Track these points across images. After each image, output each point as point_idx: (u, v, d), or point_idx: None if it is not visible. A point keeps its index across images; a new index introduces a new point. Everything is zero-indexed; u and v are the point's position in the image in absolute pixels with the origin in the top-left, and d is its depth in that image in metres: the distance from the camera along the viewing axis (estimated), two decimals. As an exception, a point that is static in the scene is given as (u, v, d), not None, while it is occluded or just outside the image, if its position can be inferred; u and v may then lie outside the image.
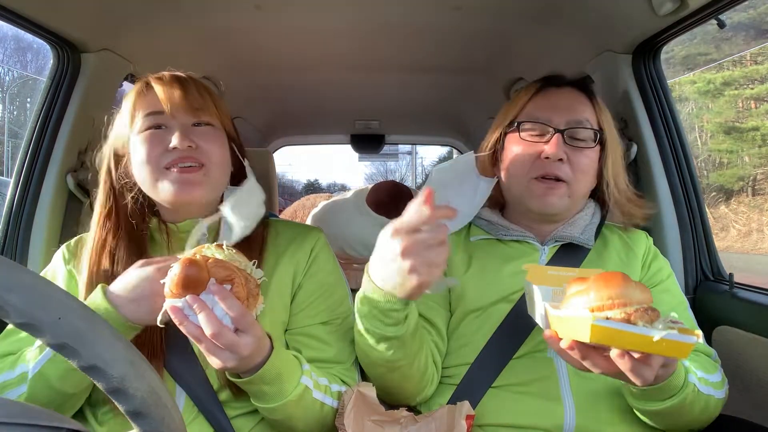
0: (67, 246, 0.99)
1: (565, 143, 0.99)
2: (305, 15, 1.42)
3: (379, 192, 1.93)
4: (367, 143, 3.06)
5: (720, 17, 1.17)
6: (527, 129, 1.03)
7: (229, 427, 0.87)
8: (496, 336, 0.97)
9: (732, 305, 1.17)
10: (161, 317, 0.75)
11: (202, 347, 0.73)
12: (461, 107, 2.43)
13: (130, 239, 0.92)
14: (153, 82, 0.93)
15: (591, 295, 0.68)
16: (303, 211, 2.90)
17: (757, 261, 12.36)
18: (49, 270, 0.97)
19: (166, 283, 0.73)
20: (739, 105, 18.19)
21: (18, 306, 0.42)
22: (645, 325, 0.63)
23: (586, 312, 0.66)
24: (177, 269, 0.72)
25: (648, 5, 1.15)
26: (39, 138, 1.27)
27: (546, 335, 0.74)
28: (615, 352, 0.68)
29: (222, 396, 0.89)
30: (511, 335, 0.96)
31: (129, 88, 1.46)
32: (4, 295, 0.42)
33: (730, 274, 1.24)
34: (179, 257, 0.75)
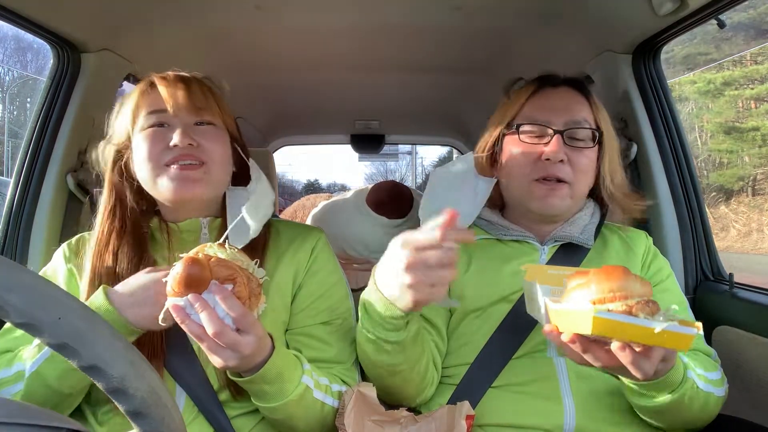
0: (68, 244, 0.99)
1: (565, 144, 0.99)
2: (305, 15, 1.42)
3: (379, 192, 1.93)
4: (367, 143, 3.05)
5: (720, 17, 1.17)
6: (526, 131, 1.03)
7: (229, 427, 0.87)
8: (495, 336, 0.97)
9: (732, 305, 1.17)
10: (163, 316, 0.75)
11: (203, 346, 0.73)
12: (461, 107, 2.43)
13: (132, 237, 0.92)
14: (157, 81, 0.93)
15: (592, 288, 0.68)
16: (303, 211, 2.91)
17: (757, 261, 12.36)
18: (50, 268, 0.97)
19: (168, 282, 0.73)
20: (739, 105, 18.18)
21: (18, 306, 0.42)
22: (646, 317, 0.63)
23: (587, 304, 0.66)
24: (179, 268, 0.72)
25: (648, 5, 1.15)
26: (39, 138, 1.27)
27: (546, 330, 0.74)
28: (616, 344, 0.68)
29: (222, 396, 0.89)
30: (511, 335, 0.96)
31: (129, 88, 1.47)
32: (4, 295, 0.42)
33: (730, 274, 1.24)
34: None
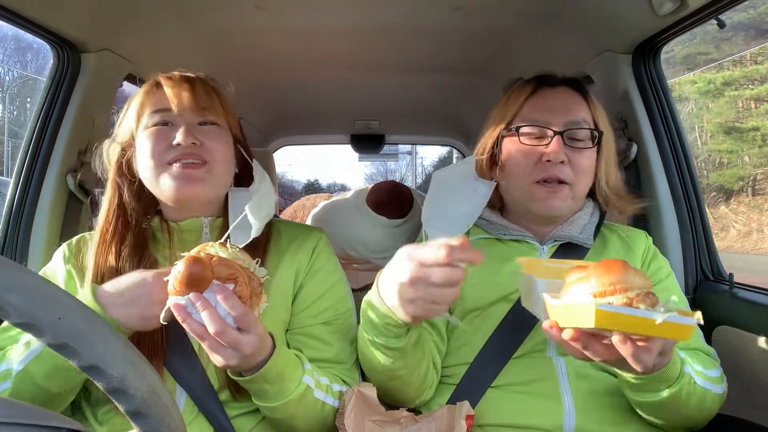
0: (68, 245, 0.99)
1: (565, 144, 0.99)
2: (305, 15, 1.42)
3: (379, 192, 1.93)
4: (367, 143, 3.05)
5: (720, 17, 1.17)
6: (526, 132, 1.03)
7: (230, 427, 0.87)
8: (495, 335, 0.97)
9: (732, 305, 1.17)
10: (164, 315, 0.75)
11: (205, 345, 0.73)
12: (461, 107, 2.43)
13: (134, 237, 0.92)
14: (162, 80, 0.94)
15: (592, 282, 0.68)
16: (303, 211, 2.91)
17: (757, 261, 12.36)
18: (49, 268, 0.97)
19: (169, 281, 0.73)
20: (739, 105, 18.18)
21: (18, 306, 0.42)
22: (647, 309, 0.64)
23: (588, 298, 0.67)
24: (181, 267, 0.72)
25: (648, 5, 1.15)
26: (39, 138, 1.27)
27: (545, 326, 0.73)
28: (617, 337, 0.68)
29: (222, 396, 0.89)
30: (511, 335, 0.96)
31: (129, 88, 1.46)
32: (4, 295, 0.42)
33: (730, 274, 1.24)
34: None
